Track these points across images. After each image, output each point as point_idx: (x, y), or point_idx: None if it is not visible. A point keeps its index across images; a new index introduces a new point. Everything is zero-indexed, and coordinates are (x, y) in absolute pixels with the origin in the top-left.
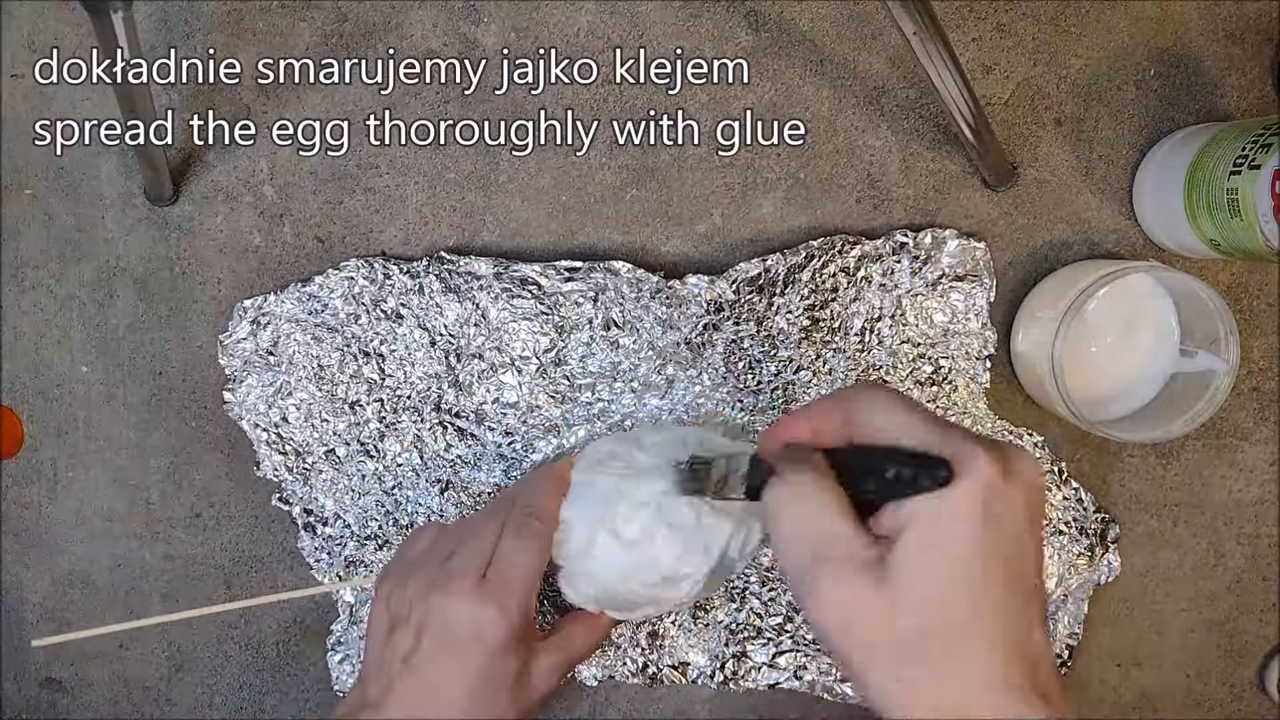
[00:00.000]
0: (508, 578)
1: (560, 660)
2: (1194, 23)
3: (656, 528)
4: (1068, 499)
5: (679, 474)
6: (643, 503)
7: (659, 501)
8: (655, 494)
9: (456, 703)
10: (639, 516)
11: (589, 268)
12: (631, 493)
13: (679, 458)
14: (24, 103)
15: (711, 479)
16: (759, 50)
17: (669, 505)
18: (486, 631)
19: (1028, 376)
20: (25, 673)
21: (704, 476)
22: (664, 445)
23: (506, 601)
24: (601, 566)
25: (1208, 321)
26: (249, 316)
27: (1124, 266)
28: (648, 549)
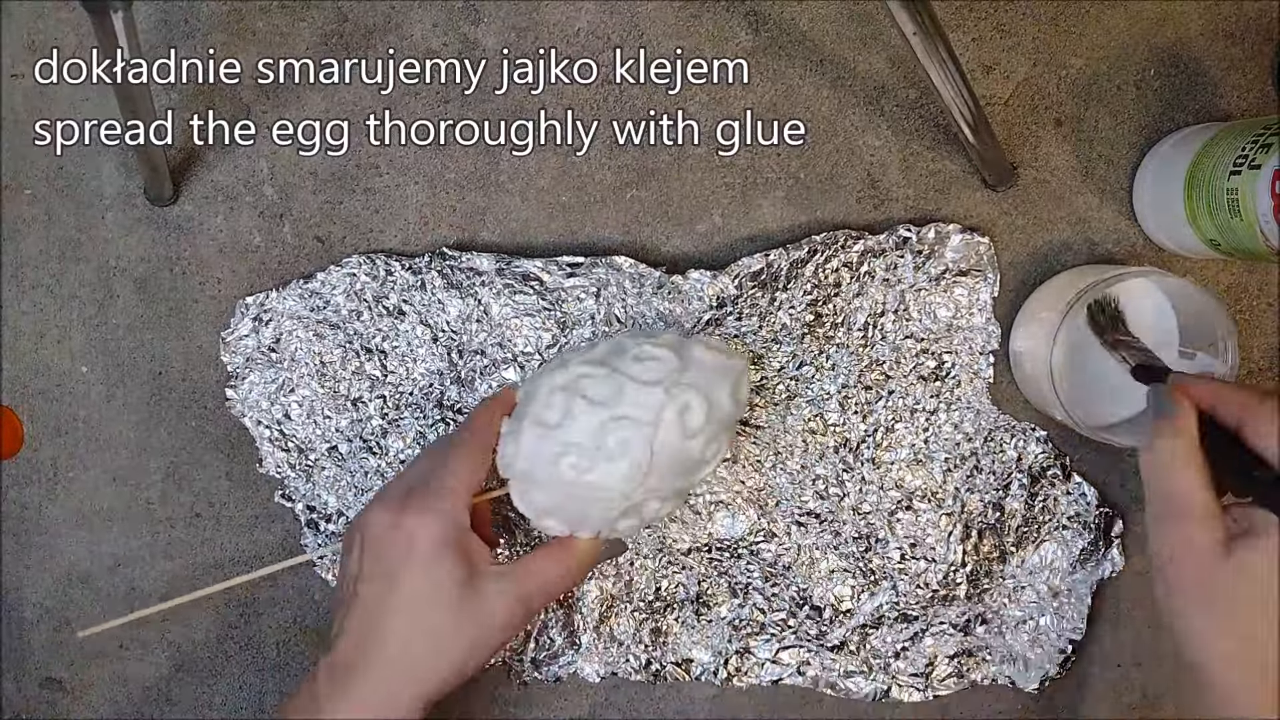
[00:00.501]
0: (435, 486)
1: (519, 587)
2: (1194, 23)
3: (572, 404)
4: (1071, 493)
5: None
6: (558, 386)
7: (577, 383)
8: (574, 376)
9: (399, 621)
10: (556, 399)
11: (591, 263)
12: (550, 377)
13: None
14: (24, 103)
15: (1112, 329)
16: (759, 50)
17: (588, 382)
18: (414, 539)
19: (1026, 382)
20: (25, 673)
21: (1106, 323)
22: (600, 348)
23: (432, 506)
24: (534, 463)
25: (1206, 324)
26: (251, 313)
27: (1121, 272)
28: (568, 427)
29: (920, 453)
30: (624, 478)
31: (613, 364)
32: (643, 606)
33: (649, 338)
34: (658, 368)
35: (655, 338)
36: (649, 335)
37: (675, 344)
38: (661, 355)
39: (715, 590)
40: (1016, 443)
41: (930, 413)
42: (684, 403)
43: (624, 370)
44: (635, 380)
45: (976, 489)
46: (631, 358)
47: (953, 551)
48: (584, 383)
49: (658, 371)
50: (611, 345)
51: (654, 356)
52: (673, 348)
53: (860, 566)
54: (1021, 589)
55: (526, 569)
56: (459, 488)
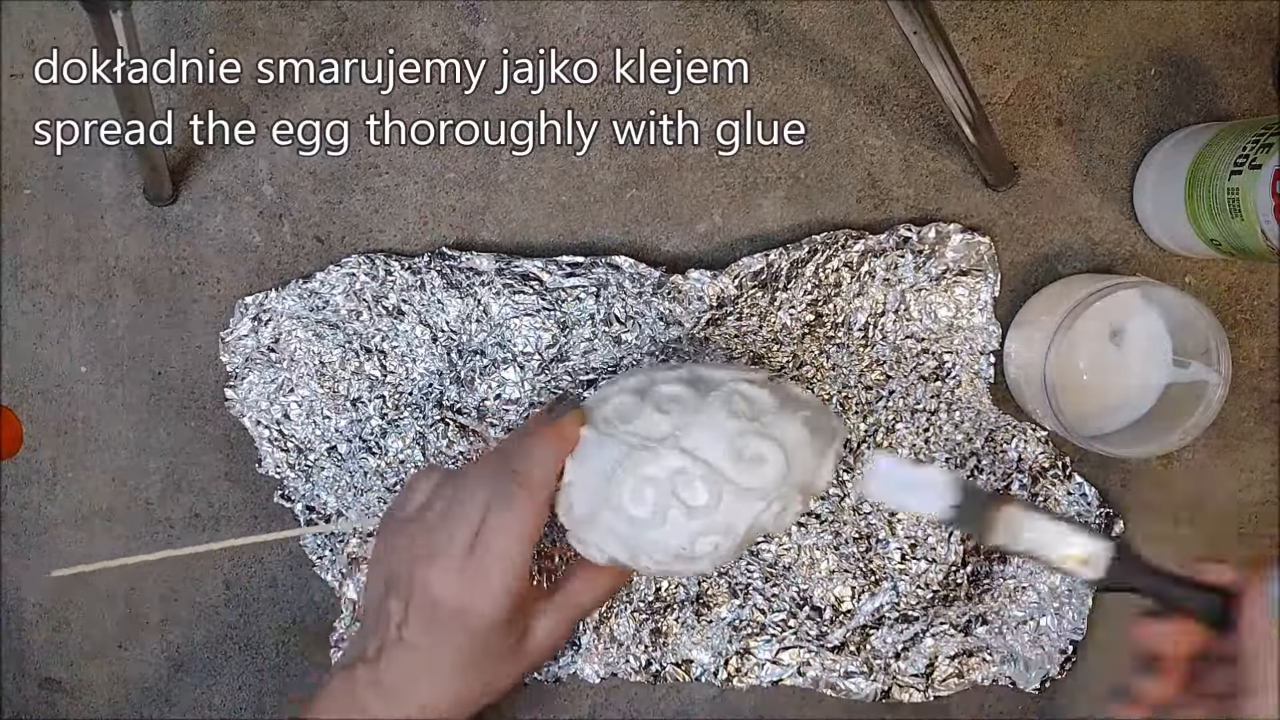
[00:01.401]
0: (493, 555)
1: (563, 618)
2: (1194, 22)
3: (667, 506)
4: (1071, 494)
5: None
6: (649, 478)
7: (673, 480)
8: (668, 470)
9: (447, 677)
10: (647, 494)
11: (591, 263)
12: (641, 467)
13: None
14: (24, 103)
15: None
16: (759, 50)
17: (683, 483)
18: (472, 615)
19: (1020, 391)
20: (25, 673)
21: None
22: (685, 401)
23: (491, 581)
24: (607, 539)
25: (1198, 334)
26: (250, 313)
27: (1112, 283)
28: (657, 528)
29: (921, 453)
30: (703, 569)
31: (690, 401)
32: (643, 607)
33: (750, 418)
34: (765, 473)
35: (758, 418)
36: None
37: (781, 435)
38: (769, 455)
39: (715, 591)
40: (1017, 443)
41: (931, 413)
42: (785, 502)
43: (726, 472)
44: (737, 487)
45: None
46: (734, 453)
47: (953, 552)
48: (680, 479)
49: (763, 478)
50: (692, 372)
51: (761, 457)
52: (780, 443)
53: (861, 567)
54: (1022, 589)
55: (571, 595)
56: (516, 557)
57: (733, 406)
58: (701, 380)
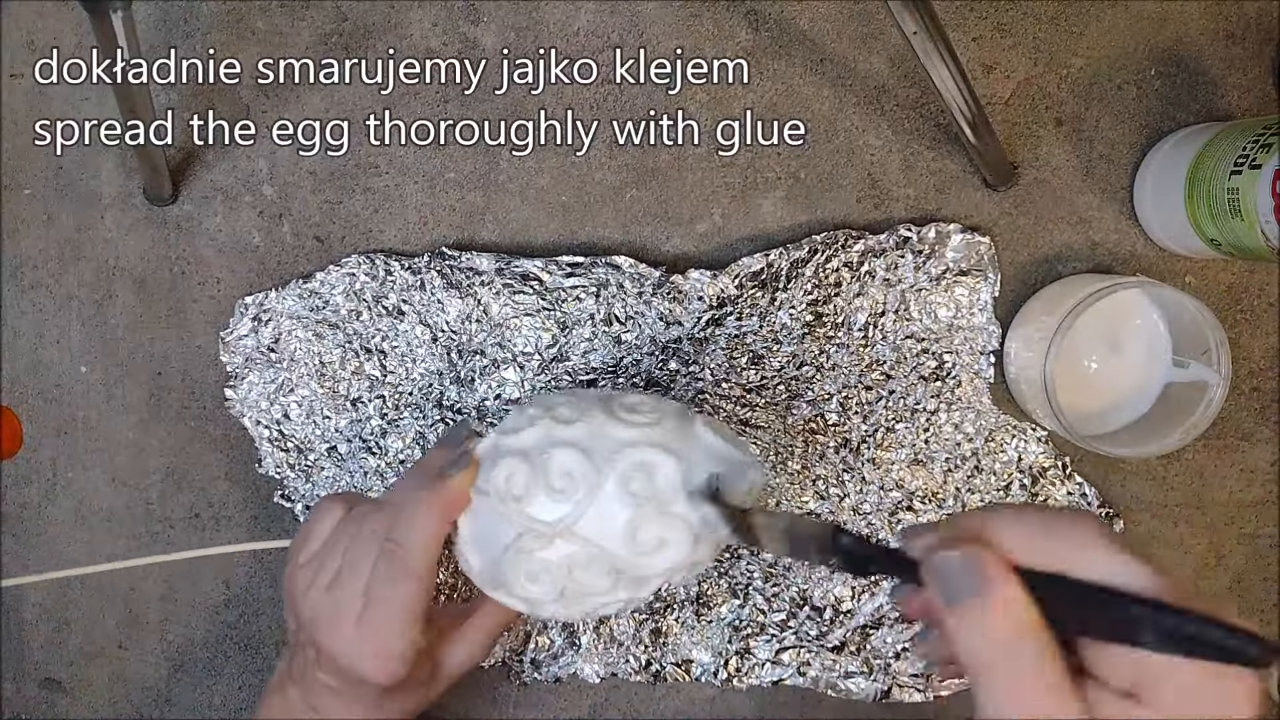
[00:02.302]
0: (382, 621)
1: (479, 640)
2: (1194, 22)
3: (563, 586)
4: (1071, 494)
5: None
6: (544, 563)
7: (568, 565)
8: (562, 555)
9: (364, 710)
10: (542, 578)
11: (591, 263)
12: (534, 552)
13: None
14: (24, 103)
15: (744, 527)
16: (759, 50)
17: (579, 568)
18: (370, 675)
19: (1020, 390)
20: (25, 673)
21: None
22: (582, 475)
23: (387, 642)
24: (510, 600)
25: (1198, 333)
26: (250, 313)
27: (1112, 283)
28: (555, 602)
29: (921, 453)
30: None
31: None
32: (642, 607)
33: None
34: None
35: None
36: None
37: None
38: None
39: (715, 591)
40: (1017, 443)
41: (931, 413)
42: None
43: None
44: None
45: (977, 489)
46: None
47: None
48: (575, 565)
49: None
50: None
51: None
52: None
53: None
54: None
55: (485, 615)
56: (406, 615)
57: (630, 488)
58: (600, 443)
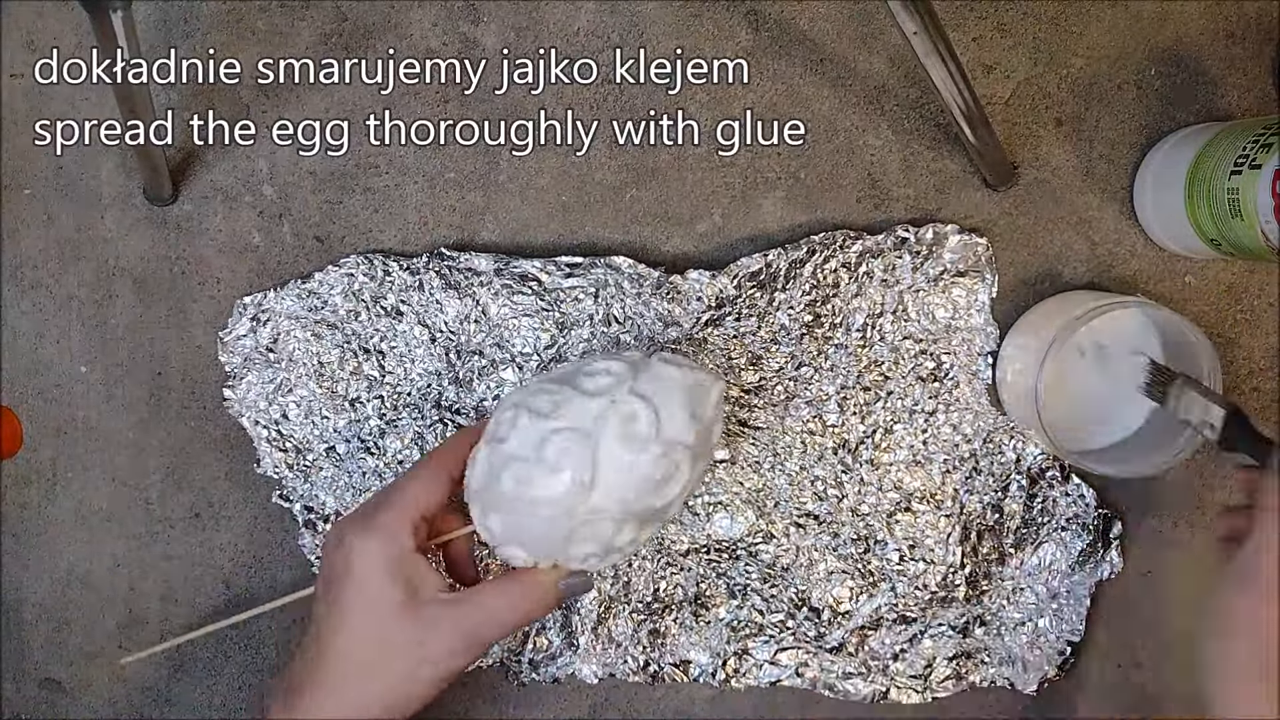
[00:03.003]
0: (383, 505)
1: (464, 617)
2: (1194, 22)
3: (519, 416)
4: (1069, 495)
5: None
6: (513, 403)
7: (529, 394)
8: (528, 393)
9: (339, 642)
10: (506, 415)
11: (589, 263)
12: (508, 398)
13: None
14: (24, 103)
15: (1173, 397)
16: (759, 50)
17: (535, 397)
18: (351, 559)
19: (1013, 406)
20: (25, 673)
21: (1166, 389)
22: (566, 366)
23: (372, 525)
24: (486, 482)
25: (1192, 356)
26: (249, 313)
27: (1110, 301)
28: (512, 441)
29: (919, 454)
30: (565, 491)
31: (568, 379)
32: (641, 608)
33: (610, 355)
34: (606, 380)
35: (617, 355)
36: (613, 353)
37: (634, 359)
38: (613, 368)
39: (714, 592)
40: (1015, 444)
41: (929, 414)
42: (629, 412)
43: (573, 383)
44: (580, 391)
45: (975, 490)
46: (584, 373)
47: (951, 553)
48: (531, 398)
49: (605, 383)
50: (576, 364)
51: (605, 370)
52: (629, 362)
53: (859, 568)
54: (1020, 590)
55: (476, 600)
56: (406, 508)
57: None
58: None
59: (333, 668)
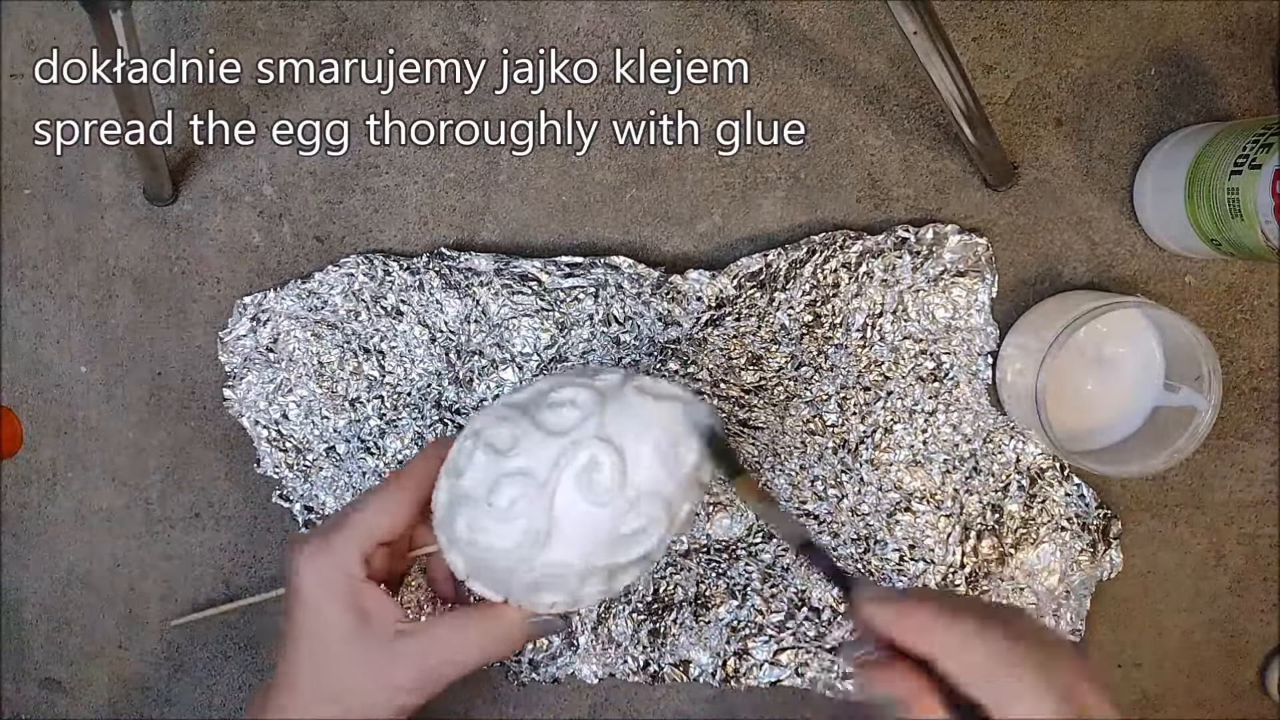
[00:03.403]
0: (338, 526)
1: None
2: (1194, 22)
3: (476, 449)
4: (1069, 495)
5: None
6: (474, 430)
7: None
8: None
9: (301, 659)
10: (467, 444)
11: (590, 263)
12: (473, 422)
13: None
14: (24, 103)
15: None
16: (759, 50)
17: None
18: (299, 582)
19: (1013, 406)
20: (25, 673)
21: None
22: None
23: (321, 549)
24: (445, 515)
25: (1191, 358)
26: (249, 313)
27: (1110, 301)
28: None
29: (919, 454)
30: (518, 543)
31: (531, 407)
32: (641, 608)
33: (582, 375)
34: (570, 415)
35: (590, 377)
36: (590, 373)
37: (607, 385)
38: (580, 398)
39: (714, 592)
40: (1015, 444)
41: (929, 414)
42: (589, 459)
43: (534, 415)
44: (540, 428)
45: (975, 490)
46: (549, 402)
47: (951, 553)
48: (491, 429)
49: (569, 419)
50: (544, 384)
51: (571, 400)
52: (599, 390)
53: (859, 568)
54: (1020, 590)
55: (433, 635)
56: (356, 535)
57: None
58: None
59: (290, 688)
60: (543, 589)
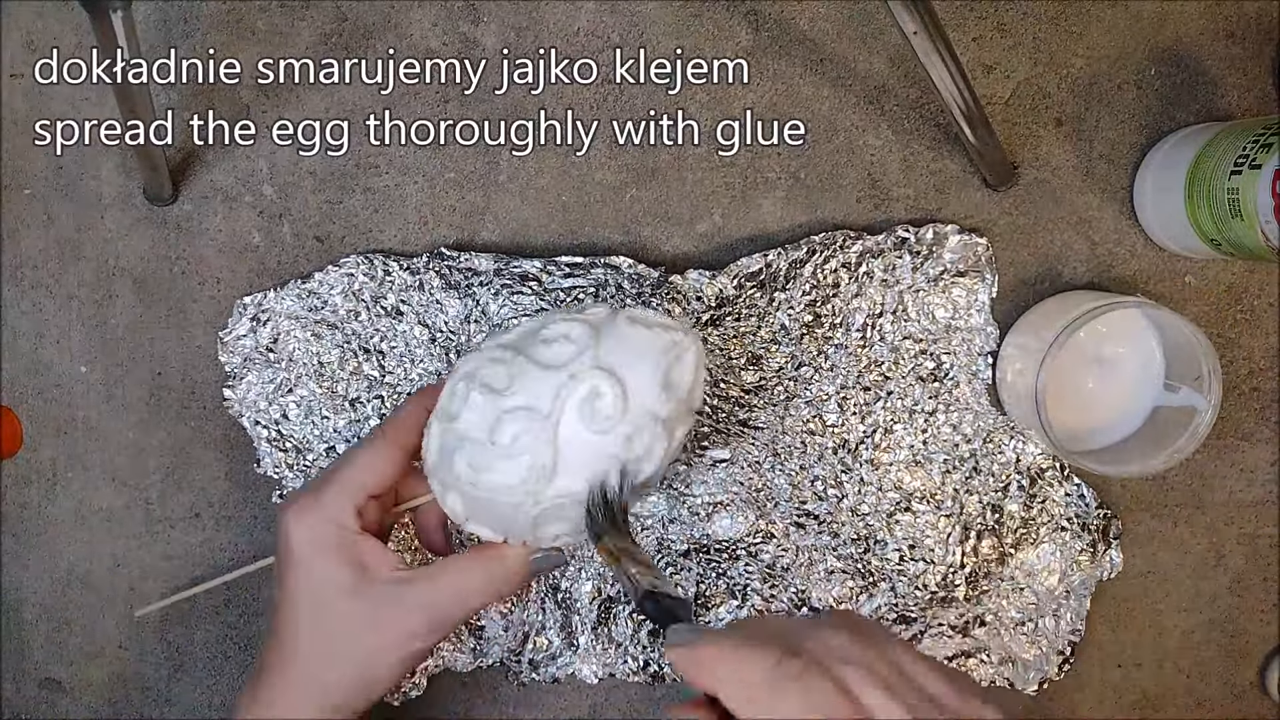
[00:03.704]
0: (327, 482)
1: (421, 595)
2: (1194, 22)
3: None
4: (1069, 495)
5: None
6: (466, 373)
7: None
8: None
9: (292, 622)
10: (459, 387)
11: (590, 263)
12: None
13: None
14: (24, 103)
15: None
16: (759, 50)
17: (488, 367)
18: (289, 540)
19: (1013, 406)
20: (25, 673)
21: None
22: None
23: (311, 505)
24: (440, 459)
25: (1191, 358)
26: (249, 313)
27: (1111, 301)
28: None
29: (919, 454)
30: (523, 478)
31: (523, 345)
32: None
33: (570, 313)
34: (566, 349)
35: (579, 312)
36: (574, 310)
37: (598, 317)
38: (574, 333)
39: (714, 592)
40: (1015, 444)
41: (929, 414)
42: (591, 388)
43: (529, 352)
44: (537, 363)
45: (975, 490)
46: (541, 339)
47: (951, 553)
48: (485, 369)
49: (565, 352)
50: (532, 324)
51: (565, 335)
52: (592, 324)
53: (859, 568)
54: (1020, 590)
55: (435, 577)
56: (348, 489)
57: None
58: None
59: (289, 657)
60: (547, 521)
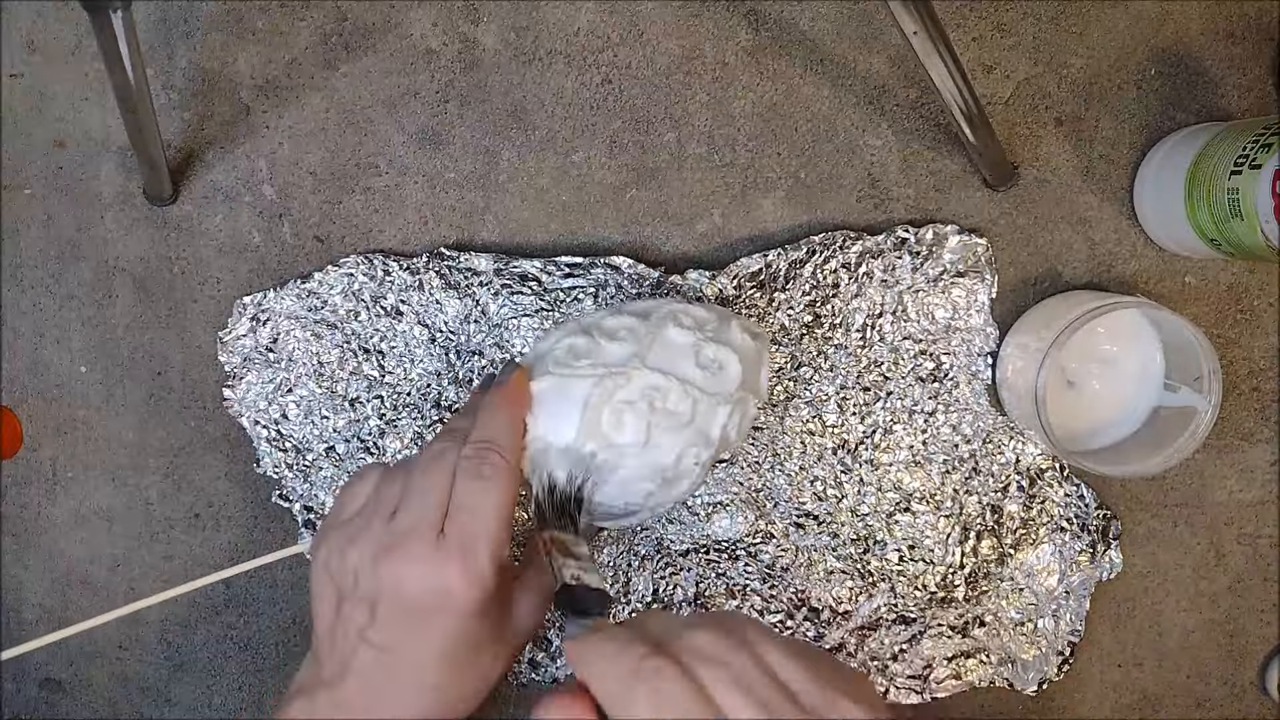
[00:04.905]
0: (469, 532)
1: (544, 595)
2: (1194, 22)
3: (648, 425)
4: (1069, 495)
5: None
6: (626, 402)
7: (648, 398)
8: (645, 389)
9: (429, 677)
10: (626, 419)
11: (589, 264)
12: (615, 393)
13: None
14: (24, 103)
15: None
16: (759, 50)
17: (660, 399)
18: (453, 598)
19: (1013, 406)
20: (25, 673)
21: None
22: (634, 328)
23: (472, 560)
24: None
25: (1191, 358)
26: (249, 313)
27: (1111, 301)
28: (647, 453)
29: (918, 454)
30: (682, 493)
31: (678, 368)
32: (641, 608)
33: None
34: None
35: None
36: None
37: (729, 340)
38: (726, 360)
39: (713, 592)
40: (1014, 444)
41: (928, 414)
42: (743, 407)
43: (695, 381)
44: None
45: (975, 491)
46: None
47: (951, 553)
48: (656, 396)
49: (726, 382)
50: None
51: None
52: (732, 347)
53: (858, 568)
54: (1019, 591)
55: (541, 567)
56: (497, 531)
57: (681, 322)
58: (640, 310)
59: (414, 695)
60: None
